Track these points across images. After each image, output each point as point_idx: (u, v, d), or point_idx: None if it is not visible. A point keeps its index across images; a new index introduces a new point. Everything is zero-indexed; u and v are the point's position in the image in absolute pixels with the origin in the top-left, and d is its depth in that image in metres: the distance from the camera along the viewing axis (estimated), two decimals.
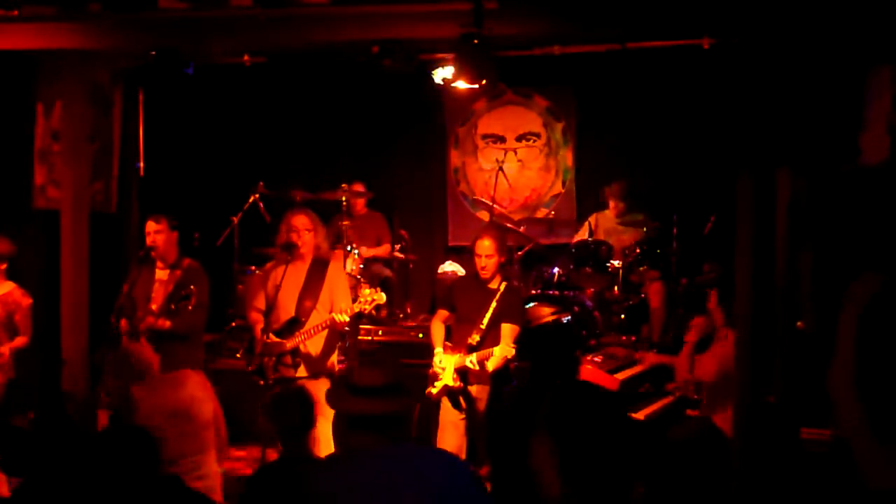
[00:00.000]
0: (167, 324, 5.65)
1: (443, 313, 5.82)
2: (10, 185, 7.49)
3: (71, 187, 6.38)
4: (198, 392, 4.69)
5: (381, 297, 5.38)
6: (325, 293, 5.52)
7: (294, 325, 5.44)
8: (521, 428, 2.65)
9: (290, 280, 5.48)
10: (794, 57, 5.08)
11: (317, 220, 5.66)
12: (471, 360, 5.35)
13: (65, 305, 6.29)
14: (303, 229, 5.55)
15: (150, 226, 5.95)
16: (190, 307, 5.61)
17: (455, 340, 5.63)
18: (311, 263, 5.58)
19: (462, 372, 5.47)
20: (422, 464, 2.79)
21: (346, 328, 5.82)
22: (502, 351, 5.27)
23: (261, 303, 5.60)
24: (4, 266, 6.21)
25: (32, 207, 7.53)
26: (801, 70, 5.09)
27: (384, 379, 2.89)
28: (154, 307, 5.75)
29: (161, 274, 5.95)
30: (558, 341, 4.98)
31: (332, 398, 2.94)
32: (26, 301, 6.23)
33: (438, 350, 5.60)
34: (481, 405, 5.48)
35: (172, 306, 5.63)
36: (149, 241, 5.92)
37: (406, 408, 2.92)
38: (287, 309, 5.48)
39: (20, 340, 6.20)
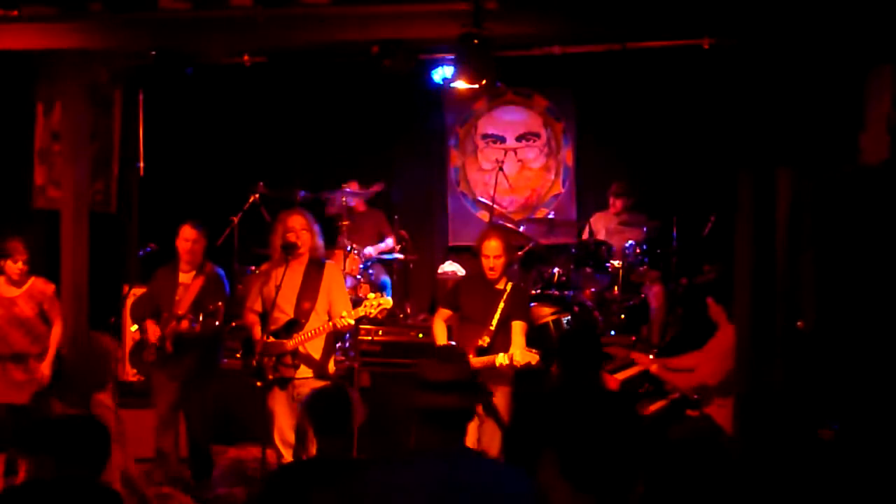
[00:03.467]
0: (185, 325, 5.78)
1: (445, 312, 5.77)
2: (10, 185, 7.50)
3: (71, 187, 6.38)
4: None
5: (388, 302, 5.33)
6: (323, 295, 5.49)
7: (293, 326, 5.43)
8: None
9: (287, 281, 5.43)
10: (794, 57, 5.08)
11: (312, 219, 5.65)
12: (501, 363, 5.28)
13: (65, 305, 6.28)
14: (300, 229, 5.52)
15: (190, 233, 6.05)
16: (217, 322, 5.82)
17: (459, 340, 5.60)
18: (308, 264, 5.55)
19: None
20: (477, 468, 2.80)
21: (349, 330, 5.83)
22: (523, 357, 5.21)
23: (257, 304, 5.57)
24: (26, 268, 6.19)
25: (32, 207, 7.54)
26: (801, 70, 5.08)
27: (455, 375, 2.93)
28: (180, 311, 5.85)
29: (185, 277, 6.04)
30: (589, 344, 4.94)
31: (407, 394, 2.97)
32: (49, 288, 6.26)
33: None
34: (498, 406, 5.43)
35: (201, 317, 5.78)
36: (185, 246, 6.02)
37: (473, 404, 2.95)
38: (285, 310, 5.46)
39: (56, 332, 6.17)
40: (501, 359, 5.25)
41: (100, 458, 3.27)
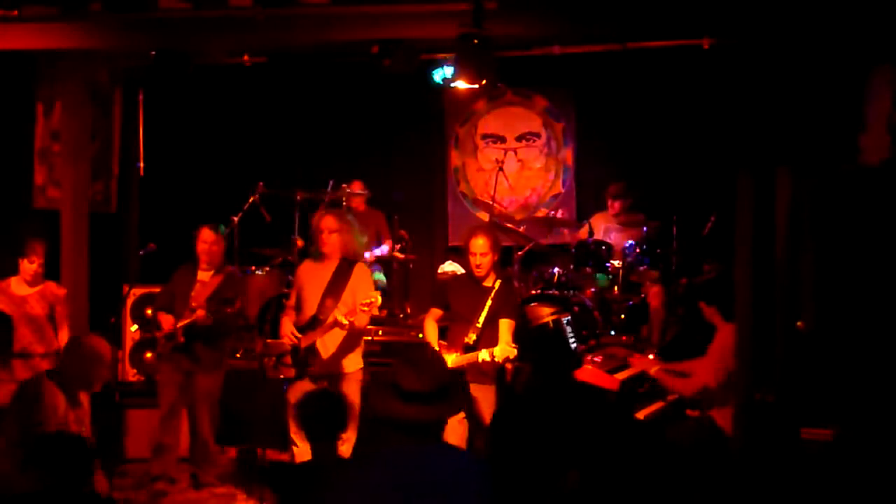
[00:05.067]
0: (209, 321, 5.79)
1: (436, 312, 5.80)
2: (10, 185, 7.49)
3: (71, 187, 6.39)
4: None
5: (377, 299, 5.43)
6: (348, 294, 5.56)
7: (314, 323, 5.53)
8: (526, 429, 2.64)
9: (316, 278, 5.61)
10: (794, 57, 5.08)
11: (345, 220, 5.73)
12: (483, 359, 5.30)
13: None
14: (326, 231, 5.62)
15: (208, 235, 6.05)
16: (229, 310, 5.83)
17: (450, 339, 5.61)
18: (339, 263, 5.64)
19: (460, 371, 5.45)
20: (441, 466, 2.76)
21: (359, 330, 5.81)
22: (503, 352, 5.24)
23: (293, 300, 5.74)
24: (41, 270, 6.21)
25: (32, 207, 7.54)
26: (801, 70, 5.08)
27: (431, 384, 2.79)
28: (194, 304, 5.88)
29: (203, 276, 6.07)
30: (557, 342, 4.96)
31: (375, 400, 2.85)
32: (62, 292, 6.31)
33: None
34: (482, 405, 5.46)
35: (214, 307, 5.81)
36: (203, 248, 6.02)
37: (451, 414, 2.82)
38: (311, 306, 5.59)
39: (64, 337, 6.21)
40: (483, 355, 5.28)
41: (84, 474, 3.32)
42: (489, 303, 5.49)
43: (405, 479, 2.69)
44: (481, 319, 5.47)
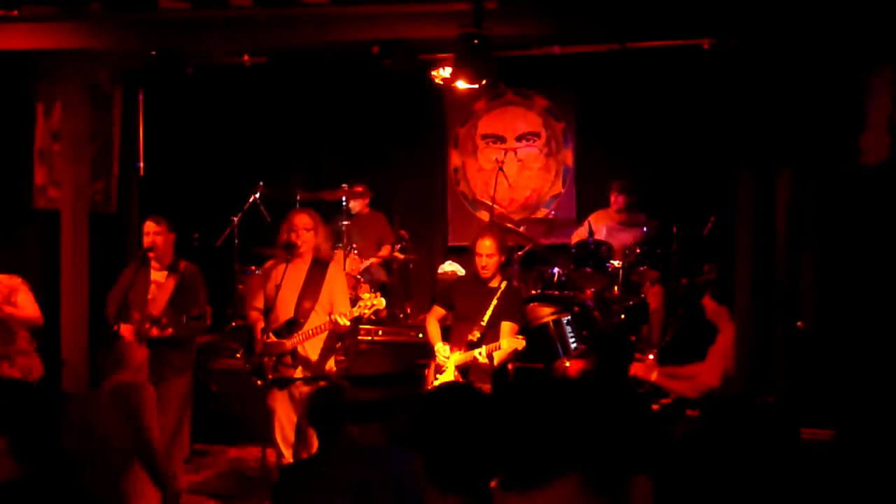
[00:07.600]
0: (169, 331, 5.61)
1: (439, 311, 5.83)
2: (10, 185, 7.48)
3: (71, 187, 6.38)
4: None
5: (381, 303, 5.42)
6: (325, 295, 5.52)
7: (293, 326, 5.45)
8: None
9: (289, 280, 5.48)
10: (794, 57, 5.08)
11: (318, 220, 5.65)
12: (479, 352, 5.35)
13: (65, 305, 6.29)
14: (302, 228, 5.53)
15: (150, 226, 5.90)
16: (202, 326, 5.72)
17: (453, 339, 5.63)
18: (311, 264, 5.57)
19: (463, 369, 5.47)
20: (394, 464, 2.96)
21: (346, 331, 5.81)
22: (510, 343, 5.29)
23: (260, 302, 5.60)
24: None
25: (32, 207, 7.53)
26: (801, 70, 5.09)
27: (379, 369, 3.18)
28: (155, 312, 5.70)
29: (157, 275, 5.89)
30: (623, 343, 5.06)
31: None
32: (15, 281, 5.98)
33: (439, 345, 5.60)
34: None
35: (184, 319, 5.59)
36: (147, 241, 5.87)
37: (396, 394, 3.16)
38: (286, 309, 5.48)
39: (34, 311, 5.91)
40: (480, 353, 5.35)
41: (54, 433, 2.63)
42: (494, 302, 5.53)
43: (360, 476, 2.95)
44: (486, 318, 5.51)
